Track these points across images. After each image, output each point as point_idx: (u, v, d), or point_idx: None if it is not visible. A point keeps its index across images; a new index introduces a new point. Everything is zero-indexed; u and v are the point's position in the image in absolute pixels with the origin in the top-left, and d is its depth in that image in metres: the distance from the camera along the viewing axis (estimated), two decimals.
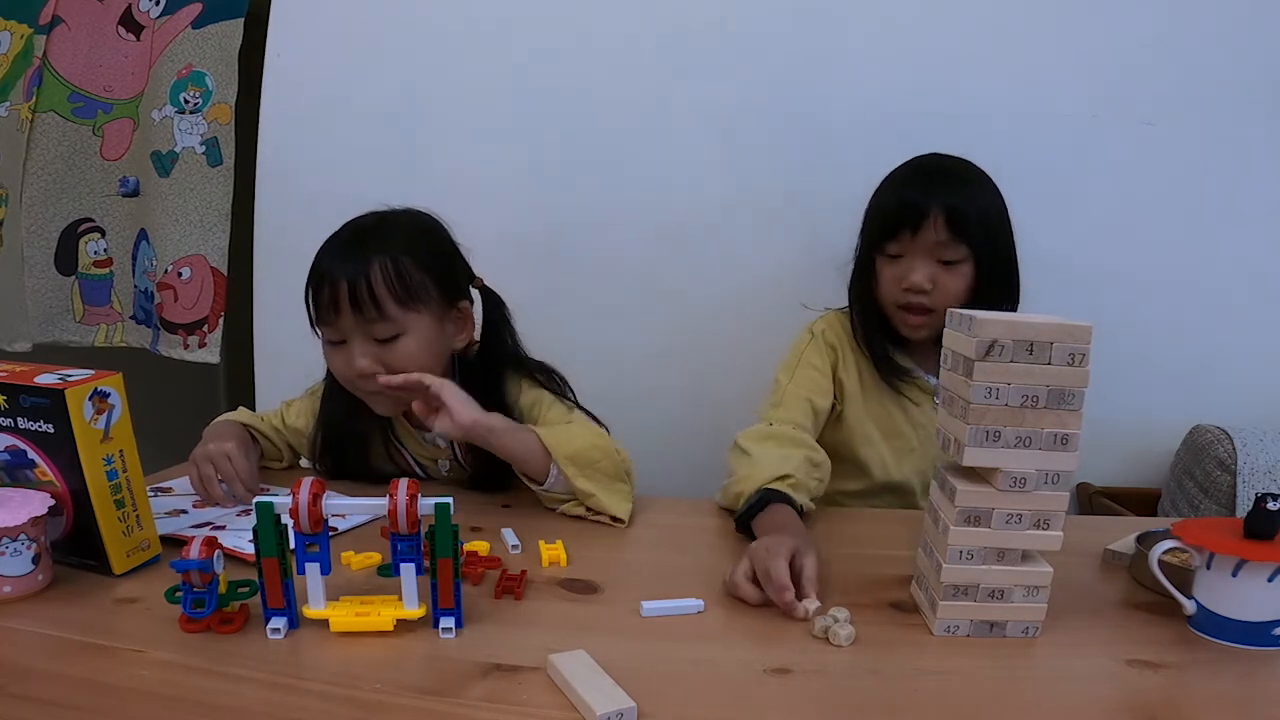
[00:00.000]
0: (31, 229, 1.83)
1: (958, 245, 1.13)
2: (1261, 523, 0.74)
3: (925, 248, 1.14)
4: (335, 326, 1.06)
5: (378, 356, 1.06)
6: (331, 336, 1.08)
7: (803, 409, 1.19)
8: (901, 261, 1.17)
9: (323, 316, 1.06)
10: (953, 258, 1.14)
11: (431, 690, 0.65)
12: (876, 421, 1.26)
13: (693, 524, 1.08)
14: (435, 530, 0.72)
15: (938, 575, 0.76)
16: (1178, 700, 0.67)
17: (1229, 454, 1.41)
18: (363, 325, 1.05)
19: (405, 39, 1.65)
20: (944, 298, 1.14)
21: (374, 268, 1.03)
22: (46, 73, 1.79)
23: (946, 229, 1.12)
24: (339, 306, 1.04)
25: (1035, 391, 0.72)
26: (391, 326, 1.05)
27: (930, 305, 1.16)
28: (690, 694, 0.66)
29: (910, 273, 1.15)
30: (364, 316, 1.04)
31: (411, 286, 1.05)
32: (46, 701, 0.62)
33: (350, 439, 1.19)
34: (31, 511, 0.76)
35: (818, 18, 1.55)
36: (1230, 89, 1.50)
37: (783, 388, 1.22)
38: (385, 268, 1.04)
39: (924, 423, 1.25)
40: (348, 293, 1.02)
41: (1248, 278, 1.55)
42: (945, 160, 1.20)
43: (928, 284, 1.14)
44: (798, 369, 1.24)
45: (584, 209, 1.64)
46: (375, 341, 1.06)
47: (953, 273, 1.15)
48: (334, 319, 1.05)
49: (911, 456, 1.26)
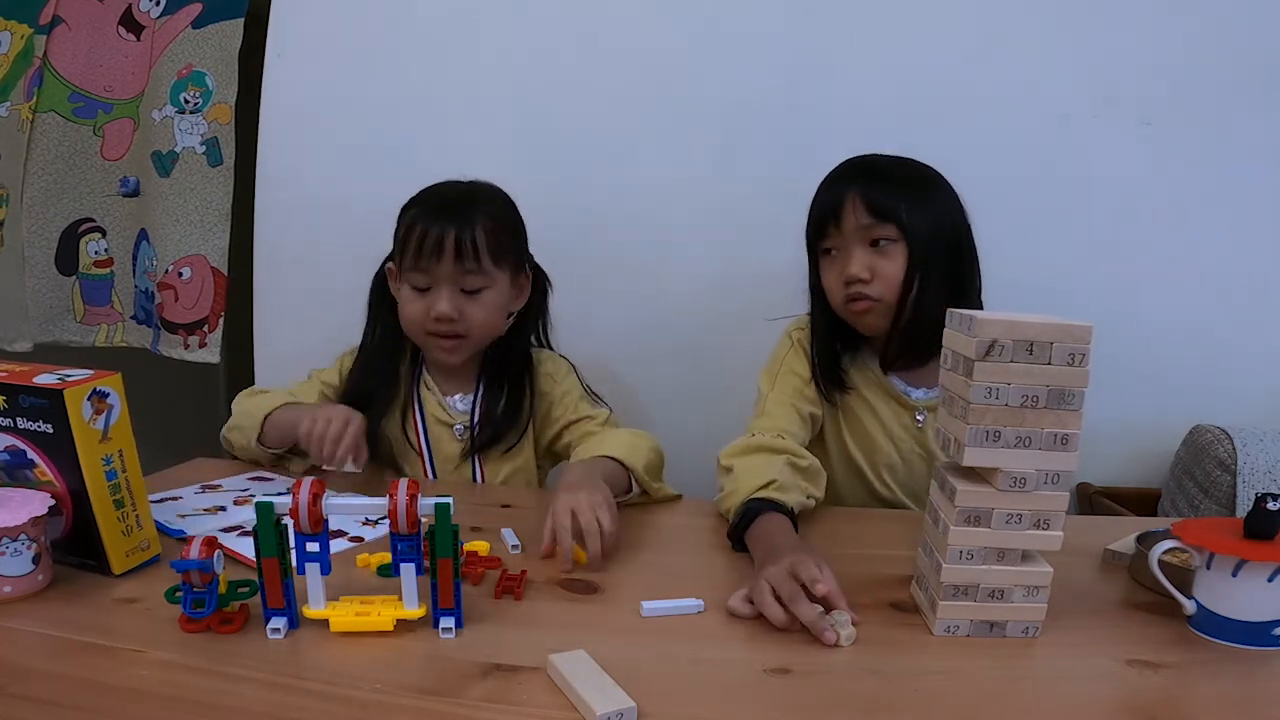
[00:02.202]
0: (32, 229, 1.83)
1: (884, 224, 1.12)
2: (1261, 523, 0.74)
3: (853, 233, 1.13)
4: (429, 273, 1.16)
5: (460, 305, 1.17)
6: (420, 283, 1.18)
7: (787, 415, 1.17)
8: (838, 257, 1.16)
9: (420, 263, 1.16)
10: (883, 236, 1.12)
11: (431, 690, 0.65)
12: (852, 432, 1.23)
13: (693, 524, 1.08)
14: (435, 530, 0.72)
15: (938, 575, 0.76)
16: (1178, 700, 0.67)
17: (1229, 454, 1.41)
18: (457, 274, 1.16)
19: (405, 39, 1.65)
20: (884, 284, 1.12)
21: (479, 223, 1.16)
22: (47, 73, 1.79)
23: (866, 211, 1.11)
24: (443, 253, 1.14)
25: (1035, 391, 0.72)
26: (482, 279, 1.17)
27: (873, 295, 1.13)
28: (690, 694, 0.66)
29: (848, 264, 1.14)
30: (463, 266, 1.15)
31: (503, 246, 1.19)
32: (46, 701, 0.62)
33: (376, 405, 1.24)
34: (31, 511, 0.76)
35: (817, 18, 1.55)
36: (1230, 89, 1.50)
37: (764, 396, 1.20)
38: (486, 225, 1.17)
39: (904, 438, 1.22)
40: (454, 241, 1.14)
41: (1248, 278, 1.55)
42: (874, 156, 1.19)
43: (865, 272, 1.12)
44: (779, 376, 1.22)
45: (584, 208, 1.64)
46: (463, 292, 1.17)
47: (887, 256, 1.12)
48: (433, 266, 1.15)
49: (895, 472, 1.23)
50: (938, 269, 1.13)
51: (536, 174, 1.64)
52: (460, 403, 1.28)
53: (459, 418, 1.27)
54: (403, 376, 1.28)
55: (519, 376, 1.27)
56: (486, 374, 1.28)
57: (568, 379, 1.31)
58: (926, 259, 1.12)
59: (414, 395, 1.28)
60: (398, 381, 1.27)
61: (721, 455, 1.10)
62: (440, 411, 1.27)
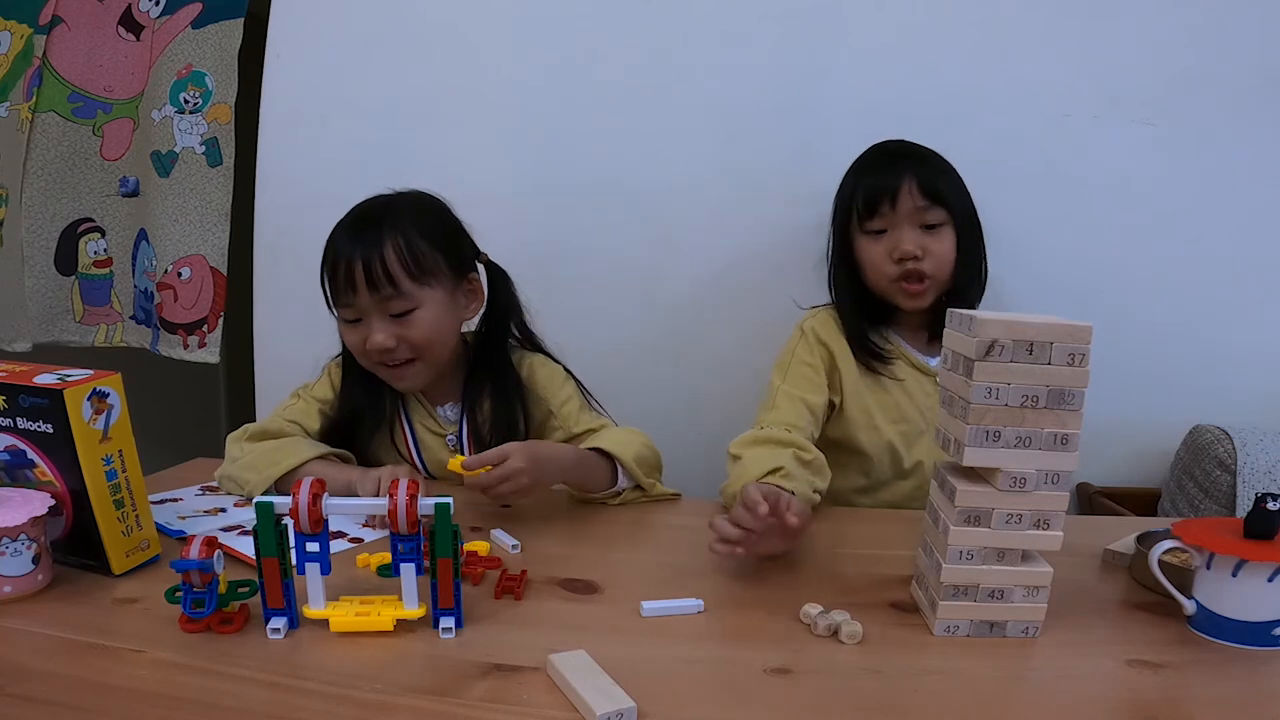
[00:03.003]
0: (31, 229, 1.83)
1: (936, 208, 1.20)
2: (1261, 523, 0.74)
3: (906, 215, 1.20)
4: (352, 305, 1.12)
5: (395, 331, 1.12)
6: (348, 315, 1.14)
7: (795, 409, 1.20)
8: (887, 235, 1.22)
9: (340, 297, 1.13)
10: (934, 221, 1.21)
11: (431, 690, 0.65)
12: (883, 409, 1.26)
13: (693, 524, 1.07)
14: (435, 530, 0.72)
15: (938, 575, 0.76)
16: (1178, 700, 0.67)
17: (1229, 454, 1.41)
18: (379, 302, 1.11)
19: (405, 39, 1.65)
20: (935, 262, 1.20)
21: (386, 246, 1.10)
22: (46, 73, 1.79)
23: (922, 194, 1.19)
24: (355, 285, 1.09)
25: (1035, 391, 0.72)
26: (406, 301, 1.12)
27: (925, 271, 1.20)
28: (690, 694, 0.66)
29: (900, 242, 1.20)
30: (380, 293, 1.10)
31: (423, 261, 1.12)
32: (46, 701, 0.62)
33: (363, 422, 1.22)
34: (31, 511, 0.76)
35: (817, 17, 1.55)
36: (1231, 89, 1.50)
37: (775, 389, 1.23)
38: (397, 245, 1.10)
39: (930, 405, 1.26)
40: (363, 271, 1.09)
41: (1248, 278, 1.55)
42: (901, 142, 1.28)
43: (918, 250, 1.19)
44: (790, 368, 1.25)
45: (585, 207, 1.64)
46: (391, 317, 1.12)
47: (937, 237, 1.21)
48: (351, 298, 1.11)
49: (922, 439, 1.26)
50: (973, 249, 1.24)
51: (536, 174, 1.65)
52: (450, 411, 1.25)
53: (450, 428, 1.24)
54: (386, 390, 1.22)
55: (503, 379, 1.23)
56: (472, 380, 1.24)
57: (565, 387, 1.26)
58: (968, 245, 1.23)
59: (400, 408, 1.24)
60: (383, 396, 1.22)
61: (731, 445, 1.12)
62: (431, 422, 1.24)
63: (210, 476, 1.17)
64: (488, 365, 1.24)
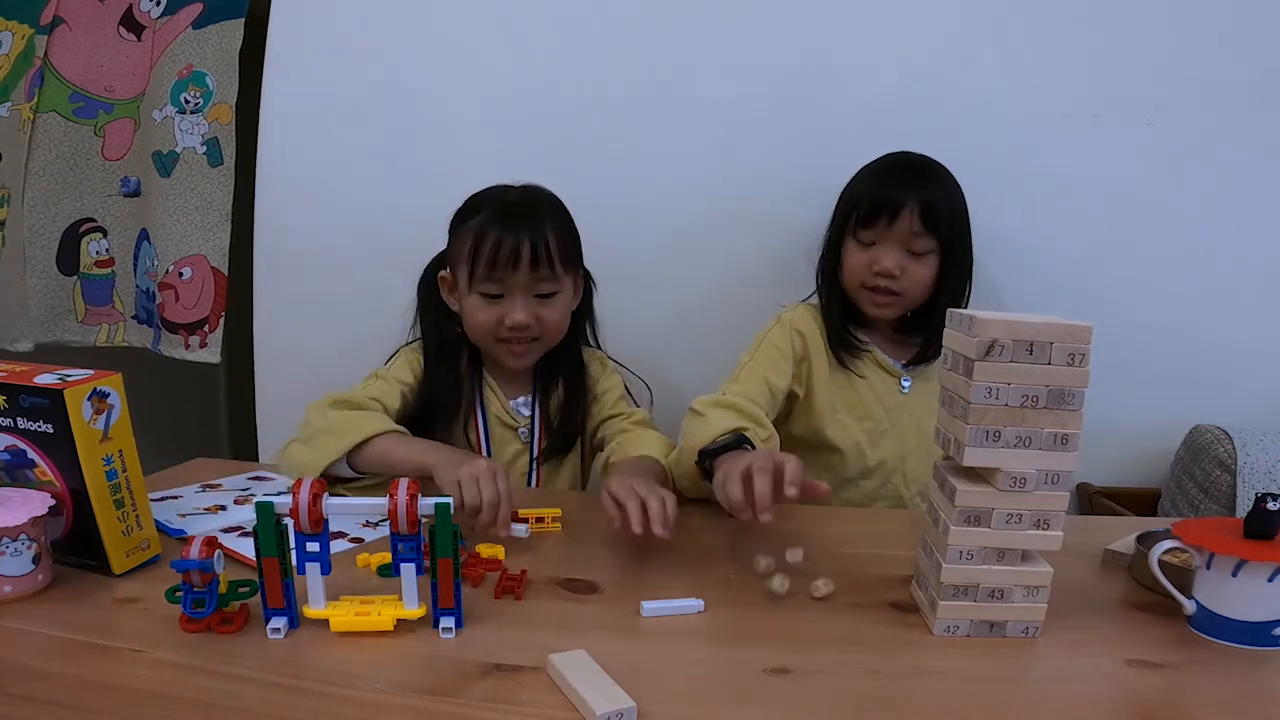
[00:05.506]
0: (33, 229, 1.83)
1: (928, 238, 1.22)
2: (1261, 523, 0.74)
3: (898, 237, 1.23)
4: (502, 282, 1.17)
5: (535, 310, 1.19)
6: (493, 290, 1.18)
7: (757, 385, 1.22)
8: (874, 248, 1.24)
9: (492, 273, 1.16)
10: (922, 249, 1.23)
11: (431, 690, 0.65)
12: (849, 406, 1.29)
13: (693, 524, 1.08)
14: (435, 530, 0.72)
15: (938, 575, 0.76)
16: (1178, 700, 0.67)
17: (1229, 454, 1.41)
18: (533, 282, 1.18)
19: (406, 39, 1.65)
20: (911, 284, 1.24)
21: (549, 231, 1.18)
22: (47, 73, 1.79)
23: (920, 222, 1.21)
24: (518, 263, 1.15)
25: (1035, 391, 0.72)
26: (553, 284, 1.20)
27: (897, 290, 1.24)
28: (690, 694, 0.66)
29: (881, 258, 1.23)
30: (538, 273, 1.17)
31: (570, 251, 1.22)
32: (46, 701, 0.62)
33: (443, 409, 1.24)
34: (31, 511, 0.76)
35: (817, 16, 1.55)
36: (1231, 89, 1.50)
37: (742, 365, 1.27)
38: (557, 231, 1.19)
39: (894, 405, 1.29)
40: (529, 249, 1.15)
41: (1248, 277, 1.54)
42: (920, 158, 1.28)
43: (896, 270, 1.22)
44: (760, 348, 1.29)
45: (585, 207, 1.63)
46: (536, 297, 1.19)
47: (920, 262, 1.23)
48: (506, 275, 1.16)
49: (886, 439, 1.28)
50: (957, 278, 1.26)
51: (536, 174, 1.64)
52: (524, 406, 1.29)
53: (523, 421, 1.28)
54: (467, 380, 1.27)
55: (574, 377, 1.29)
56: (543, 376, 1.29)
57: (611, 377, 1.33)
58: (950, 274, 1.24)
59: (477, 397, 1.27)
60: (461, 386, 1.26)
61: (694, 403, 1.14)
62: (504, 414, 1.28)
63: (210, 476, 1.17)
64: (563, 361, 1.29)
